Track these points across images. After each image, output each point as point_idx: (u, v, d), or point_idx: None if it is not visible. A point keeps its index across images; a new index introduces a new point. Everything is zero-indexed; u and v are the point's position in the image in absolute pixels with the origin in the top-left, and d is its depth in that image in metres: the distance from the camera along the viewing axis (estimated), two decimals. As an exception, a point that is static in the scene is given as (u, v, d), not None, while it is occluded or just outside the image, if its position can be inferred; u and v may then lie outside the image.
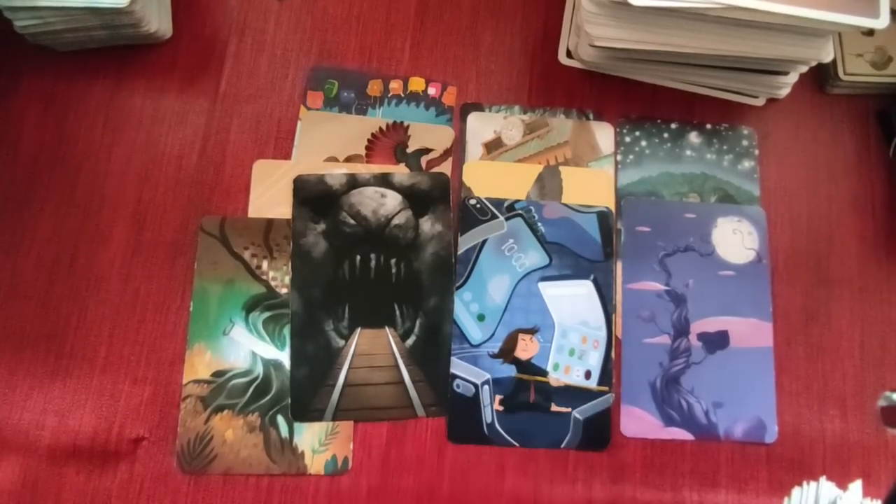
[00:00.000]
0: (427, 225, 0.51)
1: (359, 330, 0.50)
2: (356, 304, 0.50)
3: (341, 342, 0.49)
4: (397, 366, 0.49)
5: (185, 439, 0.48)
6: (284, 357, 0.49)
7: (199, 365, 0.49)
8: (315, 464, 0.48)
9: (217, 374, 0.49)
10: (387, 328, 0.50)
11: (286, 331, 0.50)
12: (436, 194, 0.52)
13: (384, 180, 0.52)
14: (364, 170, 0.52)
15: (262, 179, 0.53)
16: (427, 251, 0.50)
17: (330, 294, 0.50)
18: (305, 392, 0.48)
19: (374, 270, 0.50)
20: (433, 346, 0.50)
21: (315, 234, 0.50)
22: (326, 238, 0.50)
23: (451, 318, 0.50)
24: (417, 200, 0.52)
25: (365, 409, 0.48)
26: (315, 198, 0.51)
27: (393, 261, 0.50)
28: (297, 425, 0.48)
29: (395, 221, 0.50)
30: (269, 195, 0.52)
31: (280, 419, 0.48)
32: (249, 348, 0.49)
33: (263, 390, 0.49)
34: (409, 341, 0.49)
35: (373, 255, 0.50)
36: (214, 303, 0.50)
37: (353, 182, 0.51)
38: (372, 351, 0.49)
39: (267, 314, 0.50)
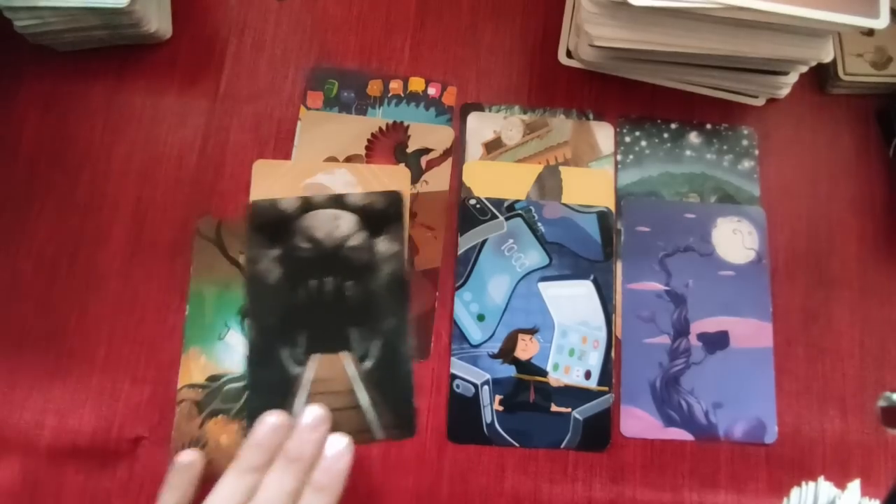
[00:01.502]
0: (383, 245, 0.50)
1: (315, 356, 0.48)
2: (312, 329, 0.49)
3: (298, 369, 0.48)
4: (354, 390, 0.48)
5: (180, 444, 0.48)
6: None
7: (195, 369, 0.49)
8: (311, 467, 0.48)
9: (212, 378, 0.49)
10: (343, 352, 0.48)
11: None
12: (391, 213, 0.50)
13: (338, 201, 0.50)
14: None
15: (262, 179, 0.53)
16: (383, 271, 0.49)
17: (285, 320, 0.49)
18: None
19: (329, 294, 0.49)
20: (391, 368, 0.48)
21: (269, 260, 0.49)
22: (281, 264, 0.49)
23: (407, 338, 0.49)
24: (372, 220, 0.50)
25: None
26: (269, 223, 0.50)
27: (349, 283, 0.49)
28: None
29: (350, 243, 0.49)
30: (269, 195, 0.52)
31: None
32: (244, 353, 0.49)
33: None
34: (367, 364, 0.48)
35: (328, 279, 0.49)
36: (210, 307, 0.50)
37: (308, 205, 0.50)
38: (329, 376, 0.48)
39: None
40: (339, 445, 0.39)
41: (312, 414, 0.39)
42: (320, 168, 0.53)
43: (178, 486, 0.38)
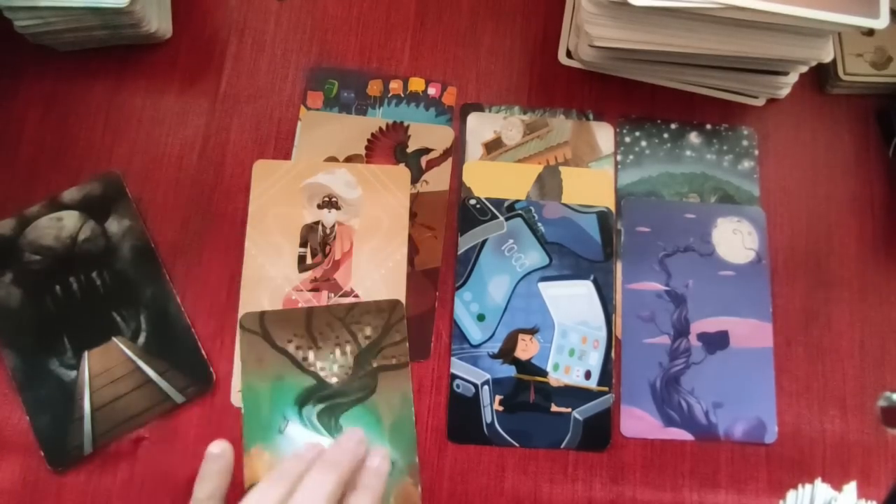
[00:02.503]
0: (114, 226, 0.50)
1: (86, 353, 0.48)
2: (73, 330, 0.48)
3: (72, 373, 0.48)
4: (138, 367, 0.48)
5: None
6: None
7: (259, 468, 0.47)
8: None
9: None
10: (113, 338, 0.48)
11: (342, 419, 0.48)
12: (111, 194, 0.51)
13: (54, 205, 0.50)
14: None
15: (263, 179, 0.53)
16: (124, 249, 0.50)
17: (43, 334, 0.48)
18: (55, 438, 0.47)
19: (78, 292, 0.49)
20: (166, 332, 0.49)
21: (4, 286, 0.49)
22: (17, 285, 0.49)
23: (173, 298, 0.49)
24: (95, 208, 0.51)
25: (124, 421, 0.47)
26: None
27: (94, 273, 0.49)
28: None
29: (82, 237, 0.49)
30: (270, 195, 0.52)
31: None
32: (307, 444, 0.46)
33: None
34: (141, 339, 0.48)
35: (72, 279, 0.49)
36: (266, 401, 0.48)
37: (24, 221, 0.50)
38: (107, 366, 0.48)
39: (321, 406, 0.48)
40: (380, 452, 0.39)
41: (351, 432, 0.39)
42: (320, 168, 0.53)
43: (211, 477, 0.37)
